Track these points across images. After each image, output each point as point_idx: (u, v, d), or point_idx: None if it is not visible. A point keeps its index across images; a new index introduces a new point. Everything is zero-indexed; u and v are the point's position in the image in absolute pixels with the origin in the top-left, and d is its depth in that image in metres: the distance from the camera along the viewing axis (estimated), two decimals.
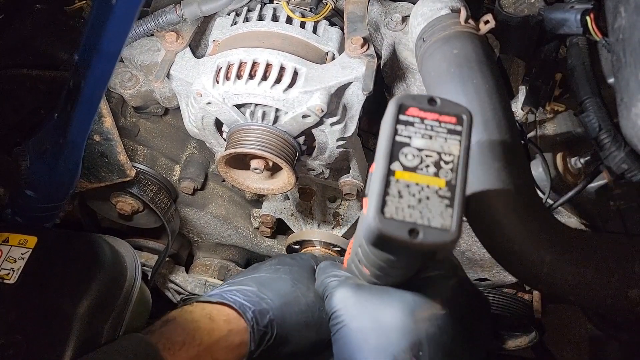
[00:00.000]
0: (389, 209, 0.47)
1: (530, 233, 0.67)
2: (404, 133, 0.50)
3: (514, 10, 0.85)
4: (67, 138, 0.79)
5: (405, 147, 0.49)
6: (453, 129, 0.50)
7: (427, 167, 0.49)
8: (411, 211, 0.47)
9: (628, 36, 0.66)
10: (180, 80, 0.87)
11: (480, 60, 0.73)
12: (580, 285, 0.68)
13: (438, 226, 0.47)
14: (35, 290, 0.78)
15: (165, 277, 1.20)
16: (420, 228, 0.47)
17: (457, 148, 0.50)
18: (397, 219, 0.47)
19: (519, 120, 0.92)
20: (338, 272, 0.74)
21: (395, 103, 0.51)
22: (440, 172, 0.49)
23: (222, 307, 0.78)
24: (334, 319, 0.67)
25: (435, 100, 0.51)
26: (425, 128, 0.50)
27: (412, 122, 0.50)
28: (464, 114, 0.51)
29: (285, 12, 0.87)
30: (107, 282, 0.79)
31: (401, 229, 0.47)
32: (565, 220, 0.93)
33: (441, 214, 0.47)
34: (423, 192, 0.48)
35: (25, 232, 0.84)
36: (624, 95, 0.67)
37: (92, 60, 0.69)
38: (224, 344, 0.74)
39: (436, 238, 0.47)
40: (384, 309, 0.64)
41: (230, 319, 0.76)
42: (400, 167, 0.49)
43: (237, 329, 0.76)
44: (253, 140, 0.83)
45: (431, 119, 0.51)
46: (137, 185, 1.06)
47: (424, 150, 0.49)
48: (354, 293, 0.67)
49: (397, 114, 0.50)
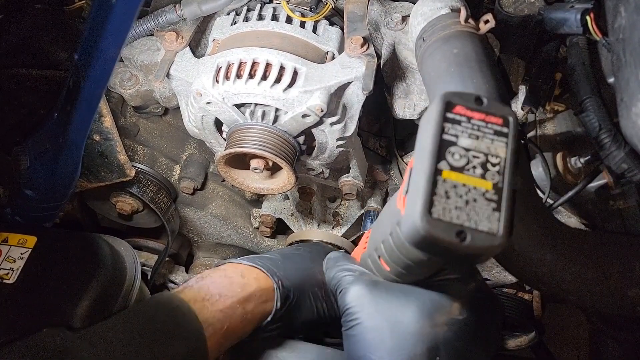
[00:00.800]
0: (437, 209, 0.46)
1: (531, 233, 0.67)
2: (450, 131, 0.48)
3: (513, 10, 0.85)
4: (66, 138, 0.79)
5: (452, 146, 0.48)
6: (499, 130, 0.49)
7: (474, 168, 0.48)
8: (458, 213, 0.46)
9: (628, 36, 0.65)
10: (180, 80, 0.87)
11: (480, 60, 0.73)
12: (580, 285, 0.68)
13: (485, 230, 0.46)
14: (34, 290, 0.78)
15: (165, 277, 1.20)
16: (468, 231, 0.45)
17: (504, 150, 0.48)
18: (444, 220, 0.46)
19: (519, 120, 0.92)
20: (352, 267, 0.72)
21: (443, 100, 0.49)
22: (487, 174, 0.48)
23: (252, 268, 0.81)
24: (349, 315, 0.67)
25: (481, 99, 0.50)
26: (472, 128, 0.49)
27: (459, 121, 0.49)
28: (510, 116, 0.50)
29: (285, 12, 0.87)
30: (107, 282, 0.79)
31: (449, 231, 0.45)
32: (565, 220, 0.93)
33: (488, 218, 0.46)
34: (470, 193, 0.47)
35: (24, 232, 0.84)
36: (624, 95, 0.67)
37: (92, 60, 0.69)
38: (254, 298, 0.77)
39: (484, 242, 0.45)
40: (401, 310, 0.63)
41: (259, 278, 0.80)
42: (448, 166, 0.47)
43: (265, 286, 0.79)
44: (253, 140, 0.83)
45: (478, 118, 0.49)
46: (136, 185, 1.06)
47: (471, 150, 0.48)
48: (371, 290, 0.66)
49: (444, 111, 0.49)
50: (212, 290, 0.76)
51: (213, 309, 0.73)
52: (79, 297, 0.76)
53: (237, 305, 0.75)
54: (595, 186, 0.83)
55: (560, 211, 0.95)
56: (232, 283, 0.78)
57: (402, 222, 0.49)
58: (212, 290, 0.76)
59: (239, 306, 0.76)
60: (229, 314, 0.75)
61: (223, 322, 0.73)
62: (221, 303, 0.75)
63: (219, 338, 0.73)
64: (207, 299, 0.74)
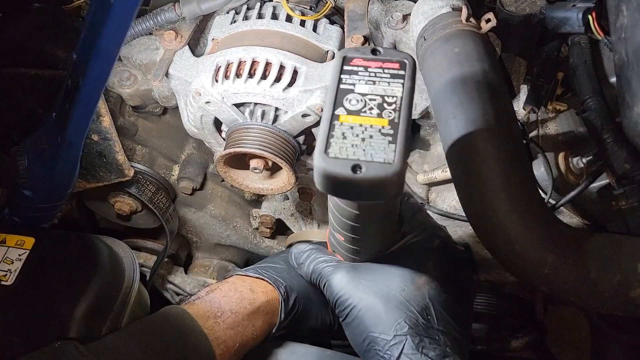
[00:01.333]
0: (333, 149, 0.49)
1: (532, 233, 0.67)
2: (348, 81, 0.53)
3: (515, 9, 0.85)
4: (65, 137, 0.79)
5: (349, 93, 0.52)
6: (396, 73, 0.53)
7: (370, 109, 0.51)
8: (354, 149, 0.49)
9: (630, 35, 0.65)
10: (179, 79, 0.87)
11: (482, 59, 0.73)
12: (582, 286, 0.67)
13: (381, 161, 0.48)
14: (32, 292, 0.77)
15: (164, 278, 1.19)
16: (363, 164, 0.48)
17: (400, 90, 0.52)
18: (340, 158, 0.48)
19: (520, 120, 0.92)
20: (326, 257, 0.75)
21: (340, 55, 0.54)
22: (384, 112, 0.51)
23: (259, 281, 0.83)
24: (341, 305, 0.69)
25: (378, 50, 0.54)
26: (369, 75, 0.53)
27: (357, 71, 0.53)
28: (407, 59, 0.54)
29: (285, 11, 0.86)
30: (105, 284, 0.79)
31: (344, 166, 0.48)
32: (567, 221, 0.93)
33: (384, 150, 0.49)
34: (366, 132, 0.50)
35: (22, 233, 0.83)
36: (626, 95, 0.66)
37: (91, 59, 0.69)
38: (262, 312, 0.79)
39: (379, 172, 0.48)
40: (386, 284, 0.67)
41: (267, 291, 0.82)
42: (345, 111, 0.51)
43: (272, 299, 0.81)
44: (252, 140, 0.82)
45: (375, 67, 0.54)
46: (135, 185, 1.05)
47: (367, 95, 0.52)
48: (352, 276, 0.69)
49: (341, 65, 0.54)
50: (224, 307, 0.76)
51: (224, 326, 0.74)
52: (77, 299, 0.76)
53: (247, 322, 0.77)
54: (597, 186, 0.83)
55: (562, 211, 0.94)
56: (242, 299, 0.79)
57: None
58: (223, 306, 0.76)
59: (249, 323, 0.77)
60: (240, 332, 0.76)
61: (235, 340, 0.74)
62: (232, 320, 0.76)
63: (231, 355, 0.74)
64: (218, 315, 0.75)
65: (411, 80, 0.53)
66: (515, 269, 0.69)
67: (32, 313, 0.75)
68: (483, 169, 0.67)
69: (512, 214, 0.66)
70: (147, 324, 0.73)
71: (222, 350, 0.72)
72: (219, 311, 0.75)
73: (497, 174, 0.67)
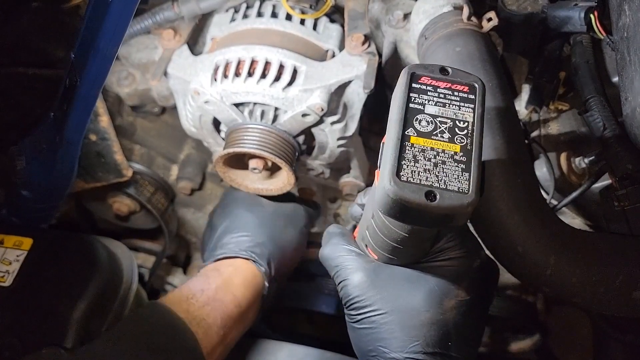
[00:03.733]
0: (405, 172, 0.47)
1: (534, 234, 0.66)
2: (417, 100, 0.50)
3: (517, 8, 0.84)
4: (63, 137, 0.78)
5: (419, 114, 0.50)
6: (466, 97, 0.51)
7: (441, 133, 0.49)
8: (427, 175, 0.47)
9: (632, 34, 0.65)
10: (177, 79, 0.86)
11: (483, 58, 0.72)
12: (584, 287, 0.67)
13: (455, 189, 0.47)
14: (31, 293, 0.78)
15: (162, 279, 1.19)
16: (437, 191, 0.46)
17: (471, 115, 0.50)
18: (413, 183, 0.47)
19: (522, 120, 0.91)
20: (350, 248, 0.68)
21: (407, 71, 0.51)
22: (456, 137, 0.49)
23: (219, 261, 0.86)
24: (354, 308, 0.64)
25: (447, 69, 0.52)
26: (438, 96, 0.51)
27: (425, 90, 0.51)
28: (476, 83, 0.52)
29: (284, 9, 0.86)
30: (103, 285, 0.79)
31: (418, 192, 0.46)
32: (569, 221, 0.92)
33: (458, 178, 0.47)
34: (439, 156, 0.48)
35: (20, 234, 0.83)
36: (629, 94, 0.66)
37: (89, 59, 0.69)
38: (237, 279, 0.81)
39: (454, 201, 0.46)
40: (410, 299, 0.61)
41: (231, 262, 0.85)
42: (415, 132, 0.49)
43: (242, 266, 0.84)
44: (251, 140, 0.82)
45: (444, 87, 0.51)
46: (133, 185, 1.05)
47: (438, 117, 0.50)
48: (374, 279, 0.63)
49: (409, 82, 0.51)
50: (193, 289, 0.78)
51: (199, 305, 0.76)
52: (76, 300, 0.76)
53: (223, 294, 0.78)
54: (599, 187, 0.82)
55: (564, 212, 0.94)
56: (208, 277, 0.82)
57: (376, 193, 0.50)
58: (192, 288, 0.78)
59: (225, 295, 0.78)
60: (217, 306, 0.77)
61: (214, 315, 0.75)
62: (205, 297, 0.77)
63: (218, 328, 0.75)
64: (190, 297, 0.76)
65: (482, 107, 0.51)
66: (517, 270, 0.69)
67: (31, 314, 0.75)
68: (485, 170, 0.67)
69: (514, 214, 0.66)
70: (129, 327, 0.72)
71: (204, 328, 0.72)
72: (190, 293, 0.76)
73: (499, 175, 0.66)
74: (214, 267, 0.84)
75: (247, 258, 0.85)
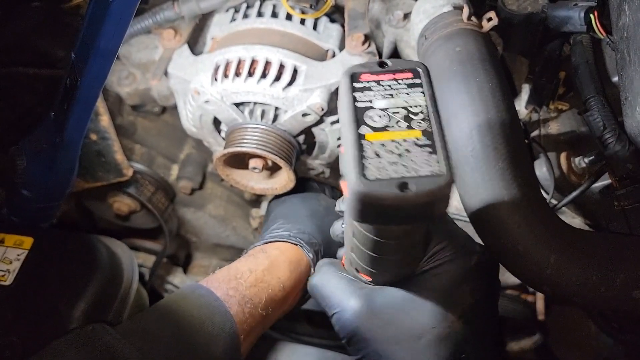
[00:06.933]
0: (370, 171, 0.44)
1: (534, 234, 0.66)
2: (363, 99, 0.49)
3: (517, 8, 0.84)
4: (63, 137, 0.78)
5: (368, 110, 0.48)
6: (412, 82, 0.50)
7: (397, 123, 0.48)
8: (395, 167, 0.45)
9: (632, 34, 0.65)
10: (178, 78, 0.86)
11: (483, 58, 0.72)
12: (584, 287, 0.67)
13: (428, 174, 0.44)
14: (31, 292, 0.77)
15: (162, 278, 1.19)
16: (409, 180, 0.44)
17: (422, 98, 0.49)
18: (382, 179, 0.44)
19: (522, 119, 0.91)
20: (342, 274, 0.65)
21: (346, 73, 0.50)
22: (413, 123, 0.47)
23: (269, 244, 0.83)
24: (355, 343, 0.59)
25: (385, 62, 0.51)
26: (384, 89, 0.50)
27: (369, 87, 0.50)
28: (419, 67, 0.51)
29: (285, 9, 0.86)
30: (104, 284, 0.79)
31: (389, 186, 0.43)
32: (569, 221, 0.92)
33: (427, 162, 0.45)
34: (401, 146, 0.46)
35: (21, 233, 0.83)
36: (629, 94, 0.66)
37: (89, 58, 0.69)
38: (283, 263, 0.78)
39: (430, 185, 0.43)
40: (412, 318, 0.57)
41: (277, 246, 0.82)
42: (370, 130, 0.47)
43: (289, 250, 0.81)
44: (252, 139, 0.82)
45: (387, 79, 0.50)
46: (134, 185, 1.05)
47: (389, 109, 0.48)
48: (371, 308, 0.59)
49: (351, 83, 0.50)
50: (242, 269, 0.76)
51: (247, 285, 0.73)
52: (76, 299, 0.76)
53: (267, 274, 0.76)
54: (599, 186, 0.82)
55: (564, 211, 0.94)
56: (256, 257, 0.79)
57: (346, 202, 0.47)
58: (241, 268, 0.76)
59: (269, 274, 0.76)
60: (263, 287, 0.74)
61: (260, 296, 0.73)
62: (252, 277, 0.74)
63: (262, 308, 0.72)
64: (238, 277, 0.74)
65: (431, 87, 0.49)
66: (518, 270, 0.68)
67: (31, 313, 0.75)
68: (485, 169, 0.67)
69: (514, 214, 0.65)
70: (172, 306, 0.69)
71: (249, 309, 0.70)
72: (238, 273, 0.74)
73: (499, 175, 0.66)
74: (261, 249, 0.82)
75: (294, 243, 0.83)
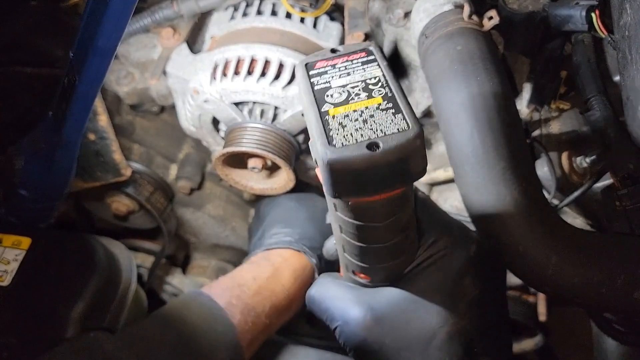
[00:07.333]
0: (337, 139, 0.44)
1: (536, 234, 0.66)
2: (320, 82, 0.50)
3: (518, 7, 0.84)
4: (62, 136, 0.78)
5: (327, 90, 0.49)
6: (366, 59, 0.51)
7: (357, 95, 0.48)
8: (361, 132, 0.45)
9: (634, 33, 0.64)
10: (176, 77, 0.86)
11: (484, 57, 0.72)
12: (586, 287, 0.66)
13: (395, 131, 0.44)
14: (29, 293, 0.77)
15: (161, 279, 1.18)
16: (378, 140, 0.43)
17: (378, 70, 0.50)
18: (350, 144, 0.44)
19: (523, 119, 0.91)
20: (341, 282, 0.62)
21: (300, 64, 0.52)
22: (373, 92, 0.48)
23: (270, 250, 0.85)
24: (362, 355, 0.57)
25: (337, 49, 0.53)
26: (339, 70, 0.51)
27: (325, 72, 0.51)
28: (370, 45, 0.53)
29: (284, 8, 0.85)
30: (102, 285, 0.78)
31: (358, 148, 0.43)
32: (570, 221, 0.92)
33: (393, 122, 0.45)
34: (365, 113, 0.46)
35: (19, 233, 0.83)
36: (630, 93, 0.66)
37: (87, 57, 0.68)
38: (287, 270, 0.79)
39: (399, 139, 0.43)
40: (419, 320, 0.55)
41: (280, 253, 0.83)
42: (331, 106, 0.48)
43: (292, 257, 0.82)
44: (251, 139, 0.82)
45: (341, 62, 0.52)
46: (132, 185, 1.04)
47: (347, 85, 0.49)
48: (375, 316, 0.56)
49: (306, 71, 0.51)
50: (246, 275, 0.77)
51: (250, 293, 0.74)
52: (74, 300, 0.75)
53: (272, 280, 0.77)
54: (601, 186, 0.82)
55: (565, 212, 0.93)
56: (259, 265, 0.80)
57: (321, 179, 0.47)
58: (245, 275, 0.77)
59: (273, 281, 0.77)
60: (267, 295, 0.75)
61: (264, 304, 0.74)
62: (255, 285, 0.75)
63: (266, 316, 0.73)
64: (242, 284, 0.75)
65: (384, 59, 0.51)
66: (519, 270, 0.68)
67: (29, 314, 0.75)
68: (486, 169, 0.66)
69: (515, 214, 0.65)
70: (174, 314, 0.70)
71: (252, 317, 0.71)
72: (242, 280, 0.75)
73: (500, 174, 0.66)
74: (263, 256, 0.82)
75: (297, 249, 0.83)
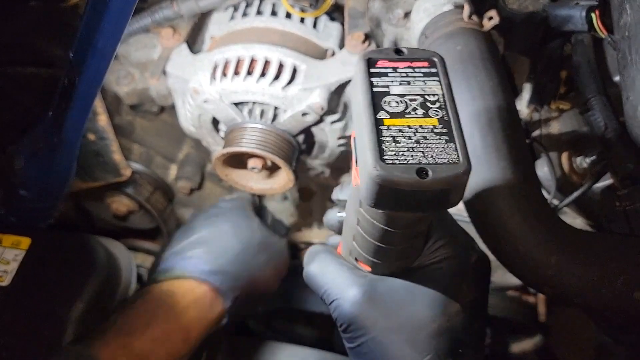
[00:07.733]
0: (389, 155, 0.44)
1: (536, 234, 0.66)
2: (380, 84, 0.49)
3: (518, 7, 0.84)
4: (61, 137, 0.78)
5: (386, 96, 0.48)
6: (428, 71, 0.50)
7: (414, 110, 0.47)
8: (412, 153, 0.44)
9: (634, 33, 0.64)
10: (176, 77, 0.86)
11: (484, 57, 0.72)
12: (586, 288, 0.66)
13: (445, 161, 0.44)
14: (29, 293, 0.77)
15: None
16: (428, 166, 0.43)
17: (439, 87, 0.49)
18: (400, 163, 0.44)
19: (523, 119, 0.91)
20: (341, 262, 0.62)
21: (363, 57, 0.50)
22: (430, 111, 0.47)
23: (180, 281, 0.80)
24: (353, 331, 0.58)
25: (402, 50, 0.51)
26: (400, 76, 0.49)
27: (385, 73, 0.49)
28: (435, 57, 0.51)
29: (284, 8, 0.85)
30: (102, 285, 0.78)
31: (408, 171, 0.43)
32: (570, 221, 0.92)
33: (444, 150, 0.45)
34: (419, 133, 0.46)
35: (19, 233, 0.83)
36: (630, 94, 0.66)
37: (87, 58, 0.68)
38: (192, 313, 0.75)
39: (448, 172, 0.43)
40: (414, 312, 0.57)
41: (190, 286, 0.79)
42: (387, 115, 0.47)
43: (203, 295, 0.78)
44: (251, 139, 0.81)
45: (403, 67, 0.50)
46: (132, 185, 1.04)
47: (406, 95, 0.48)
48: (371, 297, 0.58)
49: (368, 68, 0.49)
50: (136, 324, 0.73)
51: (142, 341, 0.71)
52: (74, 300, 0.76)
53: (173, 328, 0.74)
54: (601, 186, 0.82)
55: (565, 212, 0.93)
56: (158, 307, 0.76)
57: (361, 189, 0.46)
58: (135, 323, 0.73)
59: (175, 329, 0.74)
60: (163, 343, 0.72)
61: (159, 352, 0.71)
62: (149, 334, 0.72)
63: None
64: (130, 333, 0.71)
65: (447, 77, 0.49)
66: (519, 270, 0.68)
67: (29, 314, 0.75)
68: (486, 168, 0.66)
69: (515, 214, 0.65)
70: None
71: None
72: (131, 329, 0.73)
73: (500, 174, 0.66)
74: (167, 289, 0.78)
75: (213, 287, 0.80)
